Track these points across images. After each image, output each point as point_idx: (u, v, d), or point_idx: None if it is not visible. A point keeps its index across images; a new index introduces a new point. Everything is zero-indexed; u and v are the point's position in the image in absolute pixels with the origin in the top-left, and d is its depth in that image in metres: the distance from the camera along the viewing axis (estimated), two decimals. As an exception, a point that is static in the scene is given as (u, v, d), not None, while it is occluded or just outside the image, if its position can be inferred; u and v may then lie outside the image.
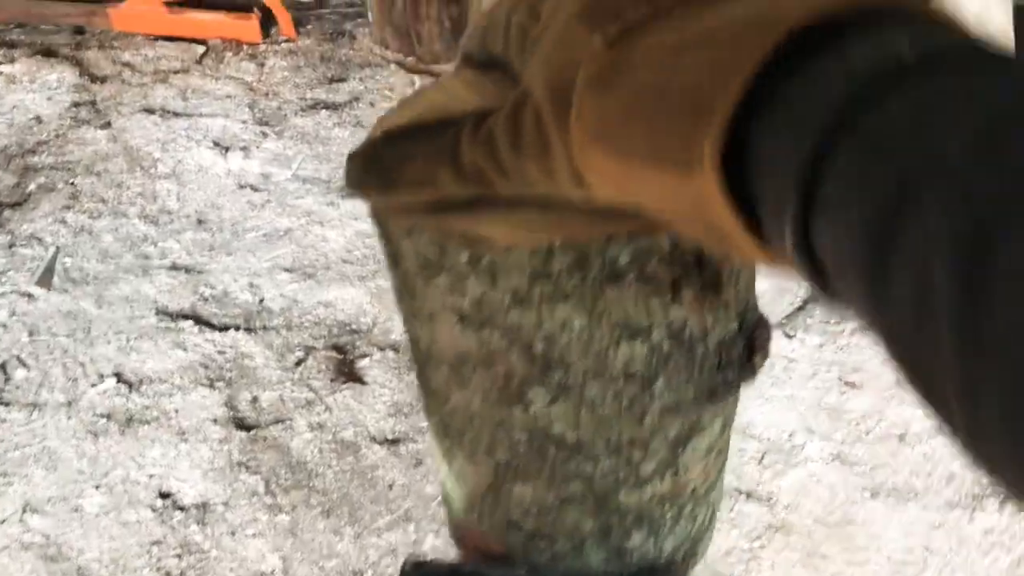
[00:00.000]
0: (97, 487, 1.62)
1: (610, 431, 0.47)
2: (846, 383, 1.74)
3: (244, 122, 2.32)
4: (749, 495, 1.59)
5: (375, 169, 0.41)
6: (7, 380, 1.82)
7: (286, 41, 2.60)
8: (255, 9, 2.53)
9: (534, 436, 0.47)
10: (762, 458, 1.65)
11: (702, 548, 0.61)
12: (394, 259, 0.45)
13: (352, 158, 0.42)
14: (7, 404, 1.78)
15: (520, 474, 0.50)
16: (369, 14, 2.50)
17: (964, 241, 0.21)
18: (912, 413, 1.68)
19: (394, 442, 1.69)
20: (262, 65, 2.53)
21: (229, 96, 2.41)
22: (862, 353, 1.77)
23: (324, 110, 2.38)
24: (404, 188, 0.40)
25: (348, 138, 2.29)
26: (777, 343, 1.79)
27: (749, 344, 0.48)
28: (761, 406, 1.72)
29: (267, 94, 2.42)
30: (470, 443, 0.50)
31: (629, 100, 0.30)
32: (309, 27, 2.65)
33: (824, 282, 0.27)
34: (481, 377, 0.46)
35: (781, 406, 1.71)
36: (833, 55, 0.26)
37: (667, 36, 0.30)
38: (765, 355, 0.49)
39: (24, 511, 1.61)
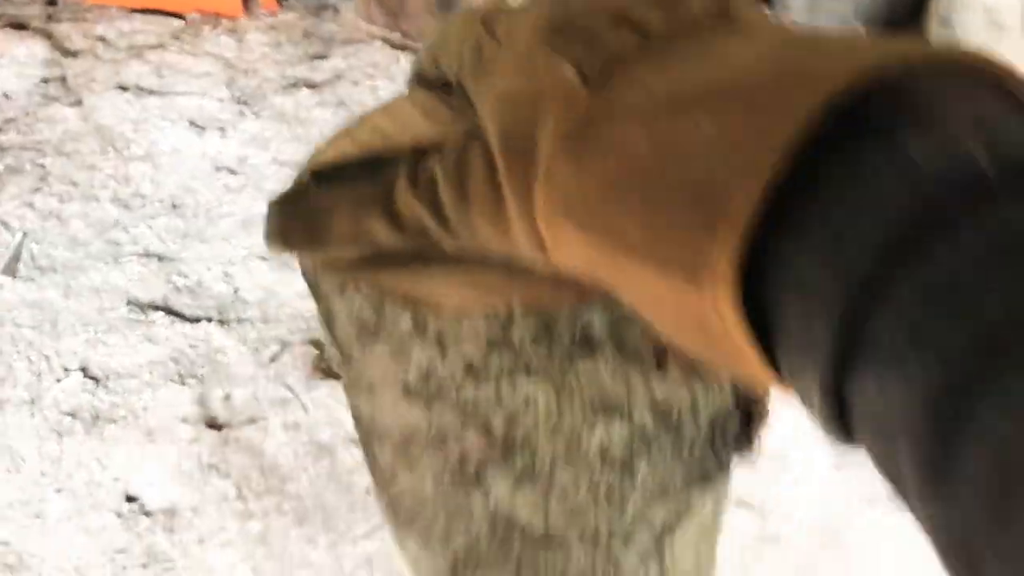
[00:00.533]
0: (59, 490, 1.55)
1: (585, 522, 0.39)
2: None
3: (221, 101, 2.23)
4: (740, 503, 1.53)
5: (301, 218, 0.33)
6: (-32, 374, 1.75)
7: (267, 15, 2.51)
8: (236, -19, 2.43)
9: (496, 525, 0.40)
10: (754, 464, 1.59)
11: None
12: (327, 321, 0.37)
13: (273, 205, 0.34)
14: (-32, 400, 1.70)
15: (482, 565, 0.43)
16: (354, -13, 2.40)
17: None
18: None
19: (372, 443, 1.62)
20: (241, 40, 2.43)
21: (207, 73, 2.31)
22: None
23: (305, 89, 2.29)
24: (334, 242, 0.32)
25: (330, 118, 2.20)
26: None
27: (746, 415, 0.41)
28: (756, 409, 1.65)
29: (246, 71, 2.32)
30: (422, 530, 0.43)
31: (616, 175, 0.23)
32: (292, 0, 2.55)
33: (847, 434, 0.22)
34: (432, 458, 0.38)
35: (777, 412, 1.65)
36: (884, 143, 0.18)
37: (659, 82, 0.23)
38: (763, 428, 0.42)
39: (-17, 515, 1.54)
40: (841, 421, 0.21)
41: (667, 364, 0.34)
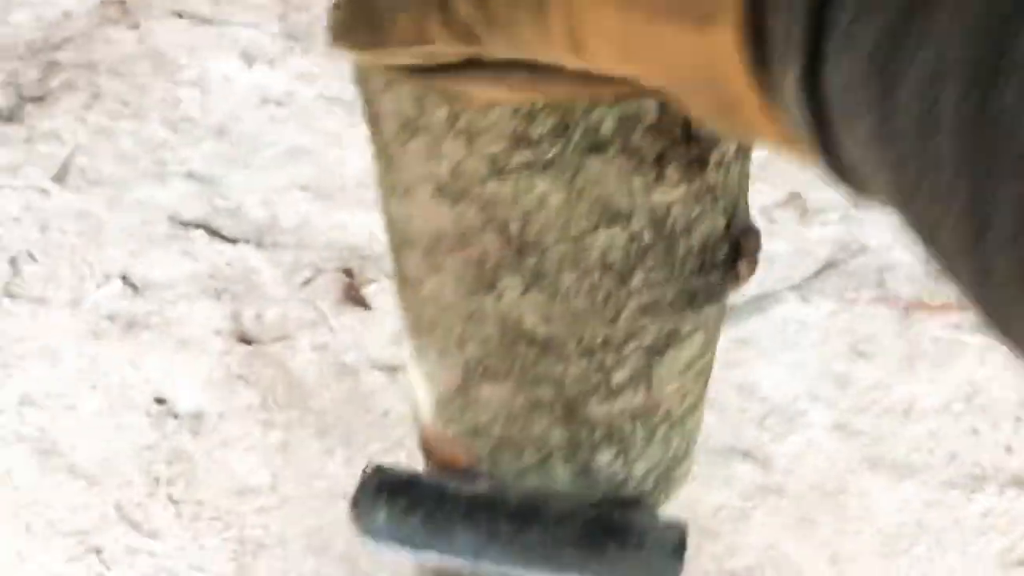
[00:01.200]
0: (94, 387, 1.63)
1: (583, 329, 0.44)
2: (857, 352, 1.71)
3: (273, 35, 2.28)
4: (746, 455, 1.57)
5: (364, 18, 0.37)
6: (16, 273, 1.82)
7: (323, -42, 2.55)
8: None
9: (505, 331, 0.45)
10: (763, 420, 1.62)
11: (675, 482, 0.58)
12: (374, 122, 0.42)
13: (339, 5, 0.38)
14: (14, 297, 1.78)
15: (489, 374, 0.48)
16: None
17: (977, 43, 0.18)
18: (921, 389, 1.64)
19: (394, 370, 1.68)
20: (296, -21, 2.48)
21: (261, 6, 2.37)
22: (876, 323, 1.73)
23: (355, 32, 2.34)
24: (394, 43, 0.36)
25: (377, 63, 2.24)
26: (791, 306, 1.76)
27: (735, 248, 0.45)
28: (768, 367, 1.69)
29: (299, 7, 2.37)
30: (442, 337, 0.48)
31: None
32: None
33: (828, 138, 0.24)
34: (455, 261, 0.43)
35: (788, 369, 1.68)
36: None
37: None
38: (753, 264, 0.46)
39: (21, 404, 1.62)
40: (820, 123, 0.24)
41: (666, 169, 0.38)
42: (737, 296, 0.50)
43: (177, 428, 1.57)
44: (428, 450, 0.58)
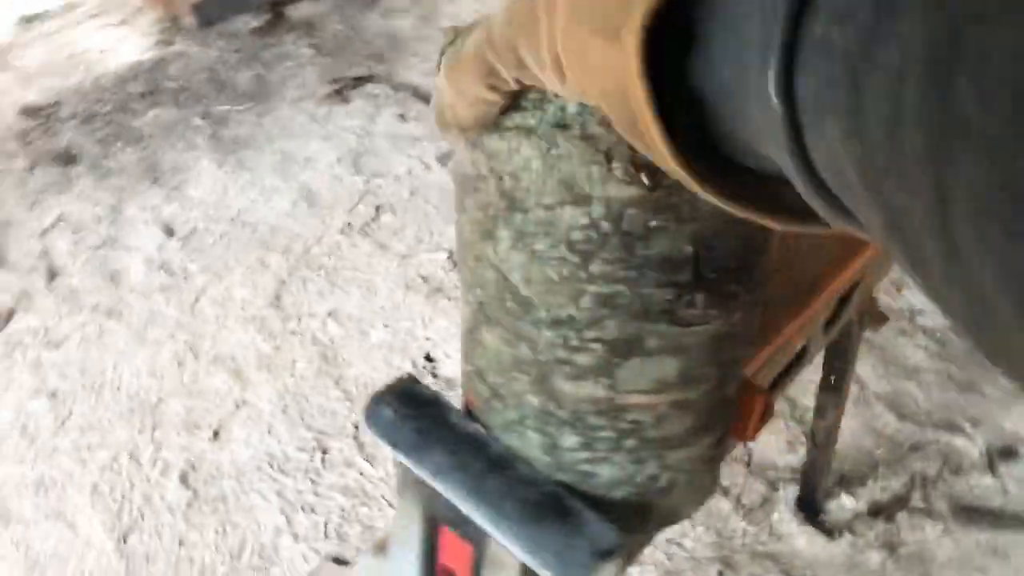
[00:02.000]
0: (386, 327, 1.87)
1: (552, 299, 0.49)
2: None
3: None
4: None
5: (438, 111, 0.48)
6: (375, 219, 2.15)
7: None
8: None
9: (499, 280, 0.51)
10: None
11: (654, 513, 0.59)
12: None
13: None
14: (365, 236, 2.10)
15: (488, 319, 0.54)
16: None
17: (935, 44, 0.20)
18: None
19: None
20: None
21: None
22: None
23: None
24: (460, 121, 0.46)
25: None
26: None
27: (710, 289, 0.47)
28: None
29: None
30: (465, 277, 0.55)
31: None
32: None
33: (799, 138, 0.27)
34: (471, 203, 0.51)
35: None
36: None
37: None
38: (726, 309, 0.48)
39: (328, 316, 1.91)
40: (794, 129, 0.27)
41: (612, 163, 0.43)
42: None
43: (435, 384, 1.76)
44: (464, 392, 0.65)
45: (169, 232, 2.16)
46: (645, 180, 0.43)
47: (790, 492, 1.51)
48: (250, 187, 2.28)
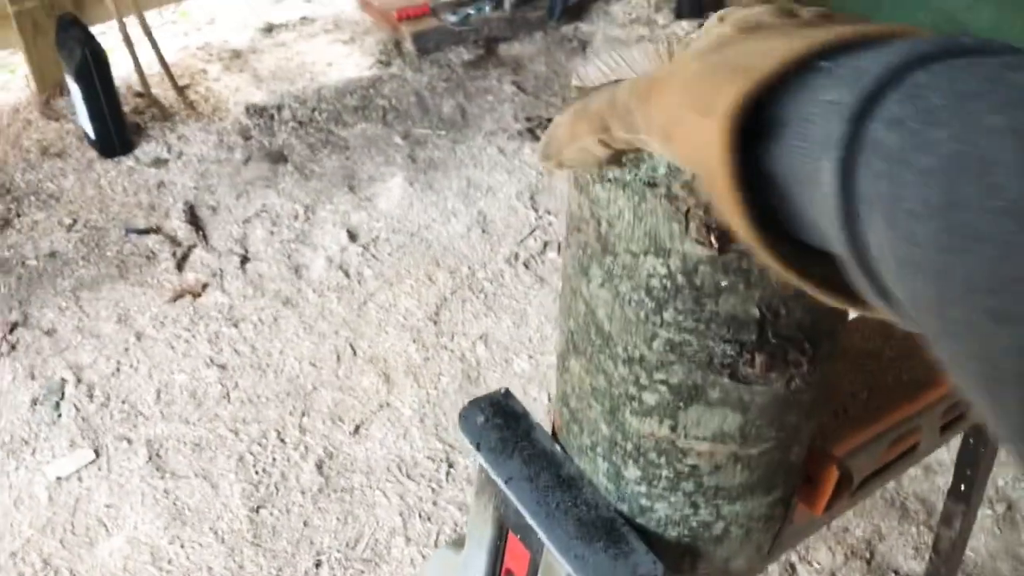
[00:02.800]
0: (530, 357, 1.94)
1: (629, 337, 0.54)
2: None
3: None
4: None
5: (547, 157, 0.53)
6: (541, 253, 2.22)
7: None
8: None
9: (587, 313, 0.56)
10: None
11: (702, 559, 0.62)
12: None
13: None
14: (529, 269, 2.18)
15: (575, 348, 0.59)
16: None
17: (959, 156, 0.27)
18: None
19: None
20: None
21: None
22: None
23: None
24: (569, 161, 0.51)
25: None
26: None
27: (772, 352, 0.51)
28: None
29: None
30: (563, 306, 0.61)
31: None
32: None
33: (853, 228, 0.31)
34: (574, 240, 0.57)
35: None
36: (856, 57, 0.33)
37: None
38: (785, 374, 0.51)
39: (479, 339, 1.99)
40: (849, 215, 0.31)
41: (690, 223, 0.47)
42: None
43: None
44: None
45: (353, 237, 2.33)
46: (713, 242, 0.47)
47: (906, 598, 1.46)
48: (433, 207, 2.42)
